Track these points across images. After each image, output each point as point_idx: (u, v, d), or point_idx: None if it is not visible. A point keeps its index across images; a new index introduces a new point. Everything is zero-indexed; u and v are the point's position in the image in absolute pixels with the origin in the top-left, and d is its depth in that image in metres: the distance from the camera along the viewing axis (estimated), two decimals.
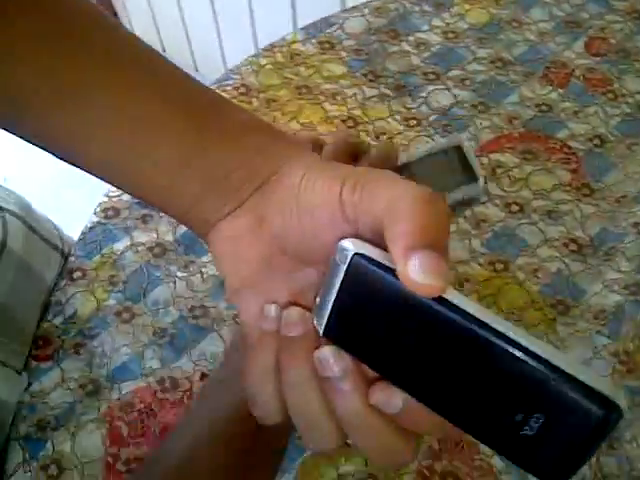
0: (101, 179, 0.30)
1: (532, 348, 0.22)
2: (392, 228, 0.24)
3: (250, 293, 0.30)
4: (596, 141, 0.60)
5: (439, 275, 0.23)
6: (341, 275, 0.25)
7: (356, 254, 0.25)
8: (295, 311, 0.28)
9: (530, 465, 0.23)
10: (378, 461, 0.27)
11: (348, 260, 0.25)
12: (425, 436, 0.47)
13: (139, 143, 0.29)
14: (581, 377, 0.21)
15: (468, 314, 0.23)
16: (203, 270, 0.54)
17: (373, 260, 0.25)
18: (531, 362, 0.22)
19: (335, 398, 0.26)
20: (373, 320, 0.25)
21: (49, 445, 0.47)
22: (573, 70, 0.64)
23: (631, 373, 0.50)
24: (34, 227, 0.52)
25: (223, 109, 0.31)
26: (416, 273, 0.23)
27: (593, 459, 0.45)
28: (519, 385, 0.22)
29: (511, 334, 0.22)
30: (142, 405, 0.49)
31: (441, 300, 0.23)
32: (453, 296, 0.23)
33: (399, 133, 0.61)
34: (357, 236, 0.26)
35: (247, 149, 0.30)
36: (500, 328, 0.22)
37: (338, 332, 0.26)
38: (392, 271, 0.23)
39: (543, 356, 0.22)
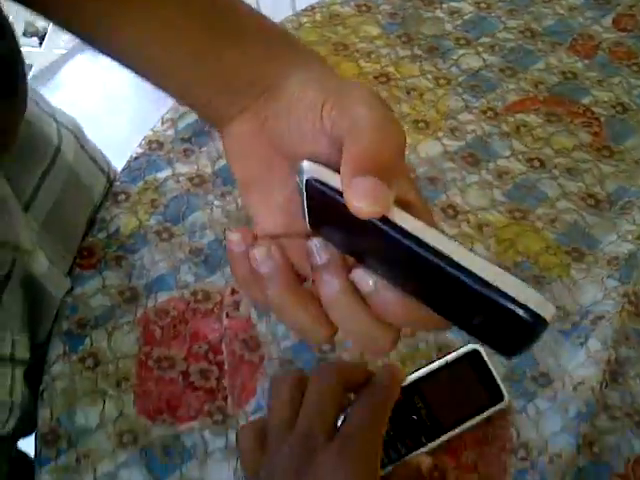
0: (125, 66, 0.33)
1: (463, 263, 0.24)
2: (346, 149, 0.27)
3: (255, 191, 0.33)
4: (619, 108, 0.63)
5: (376, 201, 0.25)
6: (303, 192, 0.29)
7: (310, 178, 0.28)
8: (262, 250, 0.30)
9: (484, 340, 0.26)
10: (360, 346, 0.30)
11: (304, 183, 0.28)
12: None
13: (158, 43, 0.32)
14: (508, 291, 0.24)
15: (407, 233, 0.25)
16: (239, 201, 0.57)
17: (325, 184, 0.27)
18: (461, 276, 0.24)
19: (321, 288, 0.29)
20: (336, 227, 0.29)
21: (87, 341, 0.51)
22: (600, 43, 0.67)
23: (639, 317, 0.52)
24: (84, 146, 0.56)
25: (240, 14, 0.33)
26: (355, 197, 0.25)
27: (597, 389, 0.48)
28: (455, 291, 0.25)
29: (445, 250, 0.25)
30: (175, 312, 0.52)
31: (385, 219, 0.26)
32: (396, 215, 0.26)
33: (429, 90, 0.64)
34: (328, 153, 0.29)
35: (258, 55, 0.32)
36: (435, 245, 0.25)
37: (317, 228, 0.30)
38: (341, 193, 0.26)
39: (473, 270, 0.24)
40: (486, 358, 0.48)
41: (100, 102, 1.63)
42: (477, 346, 0.48)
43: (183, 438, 0.47)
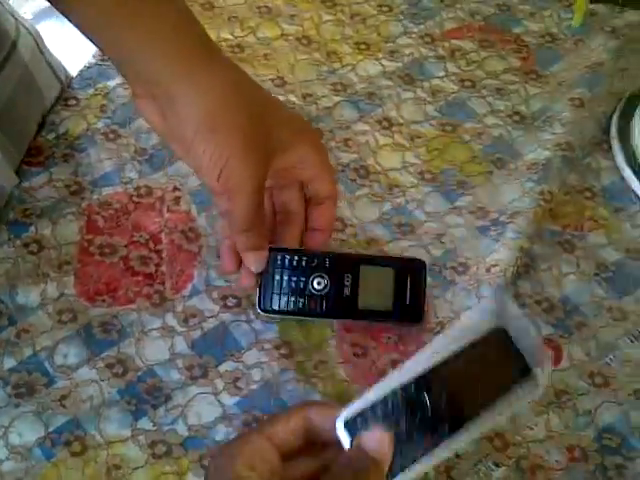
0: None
1: None
2: None
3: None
4: (548, 37, 0.65)
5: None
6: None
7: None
8: None
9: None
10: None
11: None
12: None
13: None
14: None
15: None
16: None
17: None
18: None
19: None
20: None
21: (32, 229, 0.51)
22: None
23: (553, 219, 0.54)
24: (42, 50, 0.56)
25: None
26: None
27: (509, 272, 0.49)
28: None
29: None
30: (119, 205, 0.53)
31: None
32: None
33: (372, 16, 0.65)
34: None
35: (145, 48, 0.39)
36: None
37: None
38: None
39: None
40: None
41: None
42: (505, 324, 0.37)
43: (121, 318, 0.49)
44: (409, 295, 0.46)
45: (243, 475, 0.32)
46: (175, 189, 0.54)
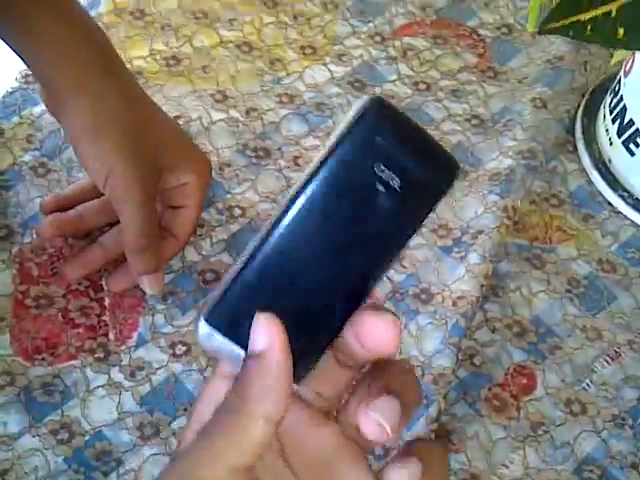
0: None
1: None
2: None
3: None
4: (504, 29, 0.59)
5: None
6: None
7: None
8: None
9: None
10: None
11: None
12: None
13: None
14: None
15: None
16: None
17: None
18: None
19: None
20: None
21: None
22: None
23: (519, 232, 0.50)
24: None
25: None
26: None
27: (475, 302, 0.45)
28: None
29: None
30: (53, 250, 0.47)
31: None
32: None
33: (317, 15, 0.59)
34: None
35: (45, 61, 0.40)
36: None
37: None
38: None
39: None
40: None
41: None
42: None
43: (64, 377, 0.43)
44: None
45: None
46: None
